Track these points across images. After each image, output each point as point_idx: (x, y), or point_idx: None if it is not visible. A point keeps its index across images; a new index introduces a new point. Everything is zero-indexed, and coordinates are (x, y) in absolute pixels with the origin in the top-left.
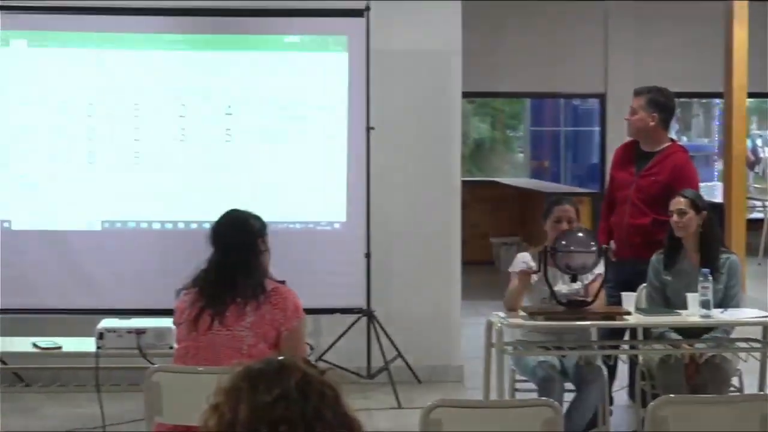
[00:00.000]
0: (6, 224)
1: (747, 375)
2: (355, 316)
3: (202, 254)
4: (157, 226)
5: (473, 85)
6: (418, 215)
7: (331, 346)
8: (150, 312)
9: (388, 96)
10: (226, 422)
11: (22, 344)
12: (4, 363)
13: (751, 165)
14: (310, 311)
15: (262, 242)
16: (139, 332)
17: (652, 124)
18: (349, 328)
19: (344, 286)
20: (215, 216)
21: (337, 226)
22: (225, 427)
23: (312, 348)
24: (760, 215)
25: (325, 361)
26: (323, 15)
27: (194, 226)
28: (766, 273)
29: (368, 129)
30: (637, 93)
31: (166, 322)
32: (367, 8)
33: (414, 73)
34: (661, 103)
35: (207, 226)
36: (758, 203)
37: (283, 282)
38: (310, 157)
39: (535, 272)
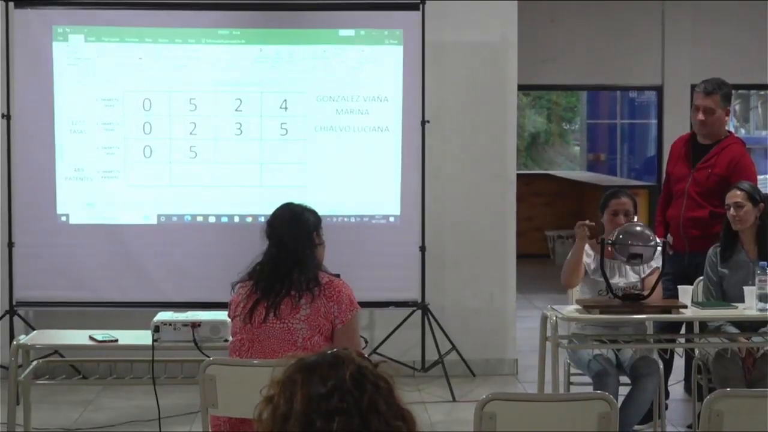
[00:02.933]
0: (64, 218)
1: None
2: (410, 309)
3: (257, 248)
4: (212, 219)
5: (529, 77)
6: (473, 208)
7: (385, 340)
8: (205, 305)
9: (443, 89)
10: (281, 414)
11: (79, 337)
12: (61, 356)
13: None
14: (364, 304)
15: (317, 236)
16: (195, 325)
17: (726, 119)
18: (404, 321)
19: (399, 280)
20: (270, 210)
21: (391, 219)
22: (279, 419)
23: (366, 341)
24: None
25: (380, 354)
26: (378, 9)
27: (249, 219)
28: None
29: (423, 122)
30: (709, 92)
31: (221, 316)
32: (422, 1)
33: (469, 66)
34: (730, 96)
35: (262, 219)
36: None
37: (337, 275)
38: (365, 150)
39: (591, 225)
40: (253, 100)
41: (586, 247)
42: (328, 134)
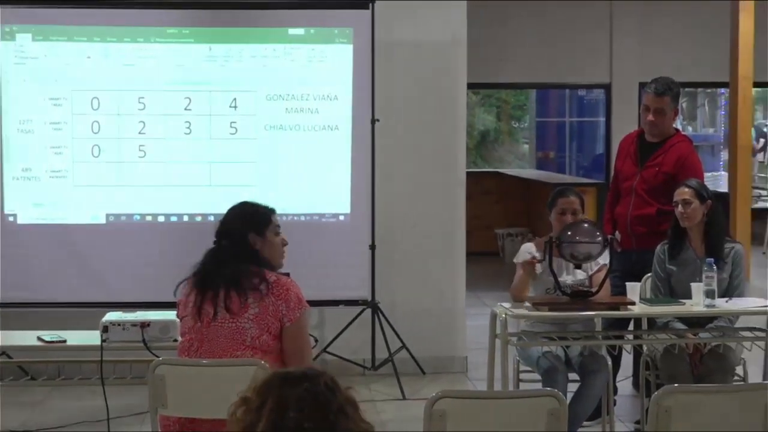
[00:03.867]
0: (11, 218)
1: (751, 364)
2: (360, 307)
3: (206, 247)
4: (161, 219)
5: (478, 76)
6: (423, 207)
7: (335, 338)
8: (154, 305)
9: (392, 88)
10: (254, 409)
11: (26, 338)
12: (8, 357)
13: (756, 155)
14: (314, 303)
15: (266, 233)
16: (144, 325)
17: (675, 118)
18: (354, 319)
19: (349, 278)
20: (220, 209)
21: (341, 217)
22: (252, 415)
23: (316, 340)
24: (765, 204)
25: (330, 353)
26: (328, 7)
27: (198, 219)
28: None
29: (373, 121)
30: (660, 93)
31: (170, 315)
32: (372, 0)
33: (419, 65)
34: (679, 96)
35: (212, 219)
36: (763, 192)
37: (287, 274)
38: (315, 149)
39: (539, 261)
40: (203, 98)
41: (533, 247)
42: (278, 133)
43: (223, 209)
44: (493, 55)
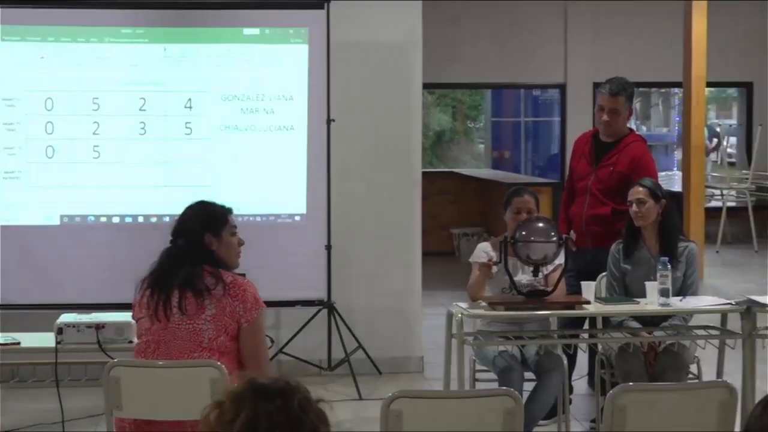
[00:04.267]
0: None
1: (705, 362)
2: (316, 308)
3: (162, 247)
4: (116, 220)
5: (434, 76)
6: (379, 207)
7: (291, 339)
8: (110, 306)
9: (348, 88)
10: (227, 421)
11: None
12: None
13: (710, 154)
14: (270, 304)
15: (222, 233)
16: (99, 327)
17: (629, 118)
18: (310, 320)
19: (305, 279)
20: (175, 209)
21: (297, 218)
22: (225, 425)
23: (272, 341)
24: (718, 204)
25: (286, 354)
26: (283, 7)
27: (154, 220)
28: (724, 261)
29: (329, 121)
30: (615, 93)
31: (126, 317)
32: (328, 0)
33: (374, 65)
34: (633, 96)
35: (167, 219)
36: (716, 192)
37: (243, 275)
38: (270, 149)
39: (495, 263)
40: (157, 99)
41: (488, 247)
42: (234, 133)
43: (179, 210)
44: (448, 56)
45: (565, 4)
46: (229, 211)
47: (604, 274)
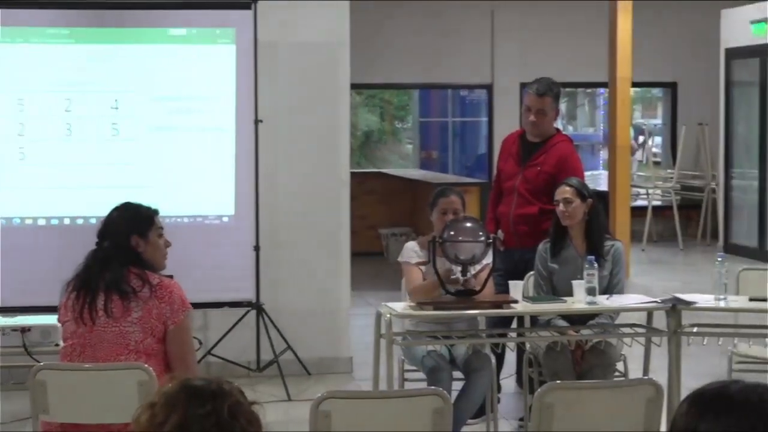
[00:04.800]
0: None
1: (631, 360)
2: (244, 309)
3: (88, 249)
4: (42, 222)
5: (361, 76)
6: (307, 207)
7: (219, 340)
8: (35, 309)
9: (276, 88)
10: (157, 423)
11: None
12: None
13: (635, 153)
14: (198, 305)
15: (149, 235)
16: (24, 330)
17: (556, 118)
18: (238, 321)
19: (233, 280)
20: (101, 211)
21: (225, 219)
22: (156, 427)
23: (200, 343)
24: (643, 203)
25: (215, 356)
26: (210, 7)
27: (80, 221)
28: (650, 259)
29: (256, 121)
30: (542, 93)
31: (52, 320)
32: (255, 0)
33: (302, 65)
34: (559, 96)
35: (93, 221)
36: (642, 191)
37: (170, 276)
38: (198, 150)
39: (424, 263)
40: (83, 100)
41: (416, 246)
42: (161, 134)
43: (105, 211)
44: (376, 56)
45: (492, 5)
46: (155, 212)
47: (531, 273)
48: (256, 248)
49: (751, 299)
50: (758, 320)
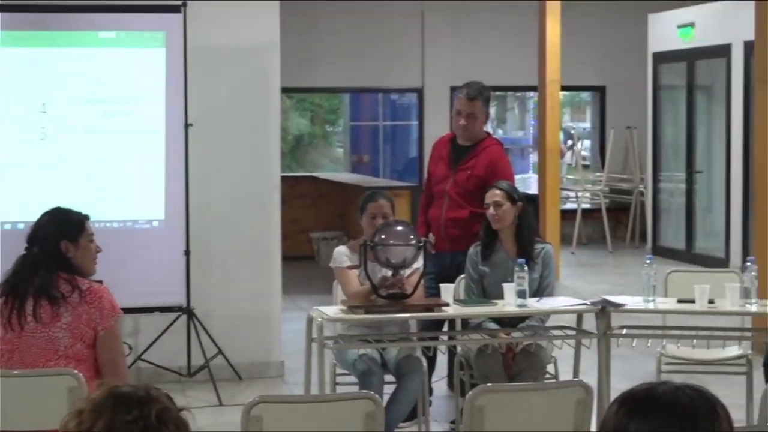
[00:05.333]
0: None
1: (562, 362)
2: (175, 314)
3: (17, 255)
4: None
5: (292, 80)
6: (238, 211)
7: (150, 346)
8: None
9: (206, 92)
10: (84, 430)
11: None
12: None
13: (564, 157)
14: (128, 310)
15: (79, 240)
16: None
17: (486, 122)
18: (169, 326)
19: (163, 285)
20: (30, 216)
21: (155, 223)
22: None
23: (131, 348)
24: (573, 206)
25: (145, 361)
26: (139, 11)
27: (8, 226)
28: (579, 262)
29: (186, 125)
30: (472, 97)
31: None
32: (184, 4)
33: (232, 69)
34: (489, 100)
35: (21, 227)
36: (571, 194)
37: (100, 281)
38: (128, 154)
39: (355, 267)
40: (12, 103)
41: (347, 250)
42: (90, 138)
43: (34, 216)
44: (306, 59)
45: (422, 5)
46: (86, 217)
47: (462, 276)
48: (187, 253)
49: (679, 301)
50: (686, 321)
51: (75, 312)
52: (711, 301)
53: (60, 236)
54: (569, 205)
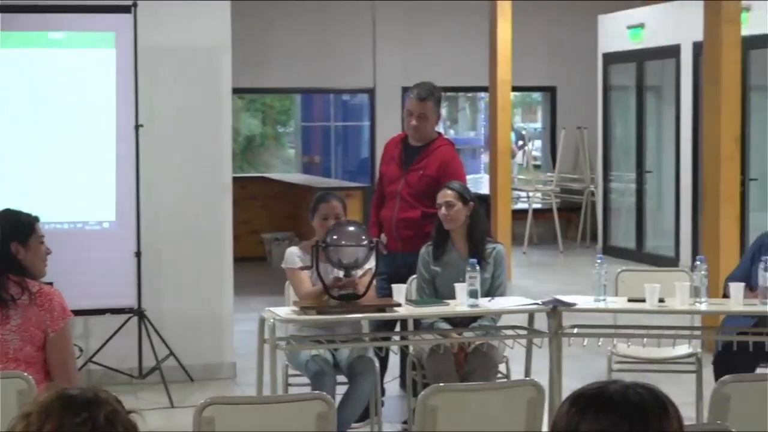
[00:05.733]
0: None
1: (513, 361)
2: (126, 315)
3: None
4: None
5: (243, 81)
6: (190, 212)
7: (101, 348)
8: None
9: (157, 93)
10: None
11: None
12: None
13: (515, 157)
14: (79, 312)
15: (29, 242)
16: None
17: (438, 123)
18: (120, 328)
19: (114, 286)
20: None
21: (106, 225)
22: None
23: (81, 350)
24: (524, 206)
25: (96, 363)
26: (89, 11)
27: None
28: (531, 262)
29: (137, 126)
30: (423, 98)
31: None
32: (135, 4)
33: (183, 70)
34: (441, 100)
35: None
36: (522, 194)
37: (50, 284)
38: (77, 155)
39: (307, 268)
40: None
41: (299, 251)
42: (40, 138)
43: None
44: (257, 60)
45: (373, 9)
46: (36, 219)
47: (414, 276)
48: (138, 254)
49: (629, 300)
50: (637, 320)
51: (25, 314)
52: (661, 300)
53: (9, 238)
54: (520, 205)
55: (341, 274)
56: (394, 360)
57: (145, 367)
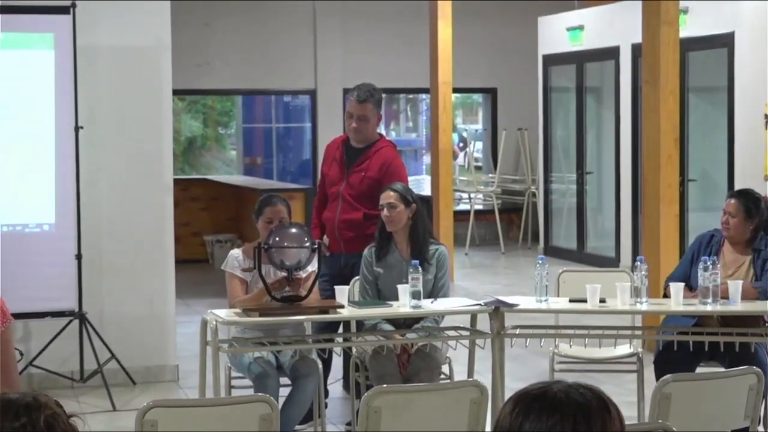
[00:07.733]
0: None
1: (456, 362)
2: (67, 319)
3: None
4: None
5: (184, 82)
6: (130, 214)
7: (41, 351)
8: None
9: (97, 94)
10: None
11: None
12: None
13: (457, 158)
14: (19, 316)
15: None
16: None
17: (379, 124)
18: (61, 331)
19: (55, 289)
20: None
21: (46, 227)
22: None
23: (22, 354)
24: (466, 207)
25: (37, 366)
26: (27, 12)
27: None
28: (473, 263)
29: (77, 128)
30: (363, 99)
31: None
32: (73, 5)
33: (123, 71)
34: (381, 101)
35: None
36: (464, 195)
37: None
38: (16, 157)
39: (249, 270)
40: None
41: (241, 255)
42: None
43: None
44: (198, 61)
45: (313, 5)
46: None
47: (357, 278)
48: (78, 256)
49: (571, 300)
50: (578, 321)
51: None
52: (602, 301)
53: None
54: (462, 207)
55: (284, 275)
56: (337, 362)
57: (87, 370)
